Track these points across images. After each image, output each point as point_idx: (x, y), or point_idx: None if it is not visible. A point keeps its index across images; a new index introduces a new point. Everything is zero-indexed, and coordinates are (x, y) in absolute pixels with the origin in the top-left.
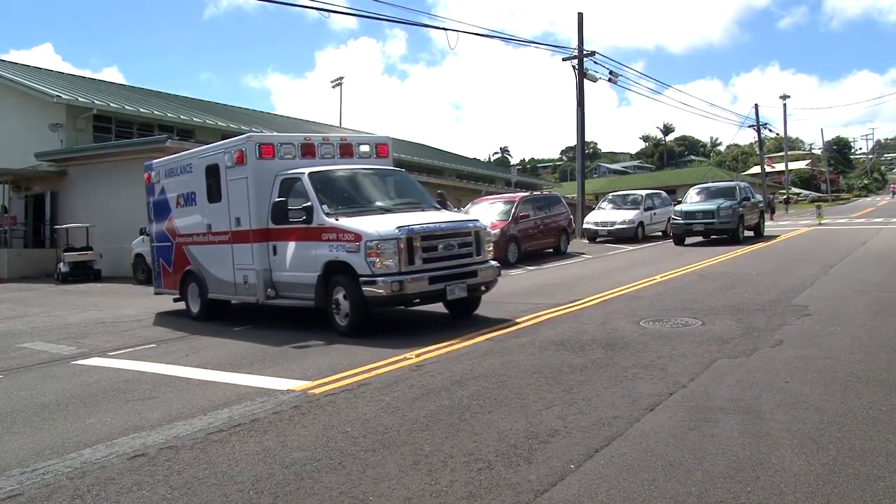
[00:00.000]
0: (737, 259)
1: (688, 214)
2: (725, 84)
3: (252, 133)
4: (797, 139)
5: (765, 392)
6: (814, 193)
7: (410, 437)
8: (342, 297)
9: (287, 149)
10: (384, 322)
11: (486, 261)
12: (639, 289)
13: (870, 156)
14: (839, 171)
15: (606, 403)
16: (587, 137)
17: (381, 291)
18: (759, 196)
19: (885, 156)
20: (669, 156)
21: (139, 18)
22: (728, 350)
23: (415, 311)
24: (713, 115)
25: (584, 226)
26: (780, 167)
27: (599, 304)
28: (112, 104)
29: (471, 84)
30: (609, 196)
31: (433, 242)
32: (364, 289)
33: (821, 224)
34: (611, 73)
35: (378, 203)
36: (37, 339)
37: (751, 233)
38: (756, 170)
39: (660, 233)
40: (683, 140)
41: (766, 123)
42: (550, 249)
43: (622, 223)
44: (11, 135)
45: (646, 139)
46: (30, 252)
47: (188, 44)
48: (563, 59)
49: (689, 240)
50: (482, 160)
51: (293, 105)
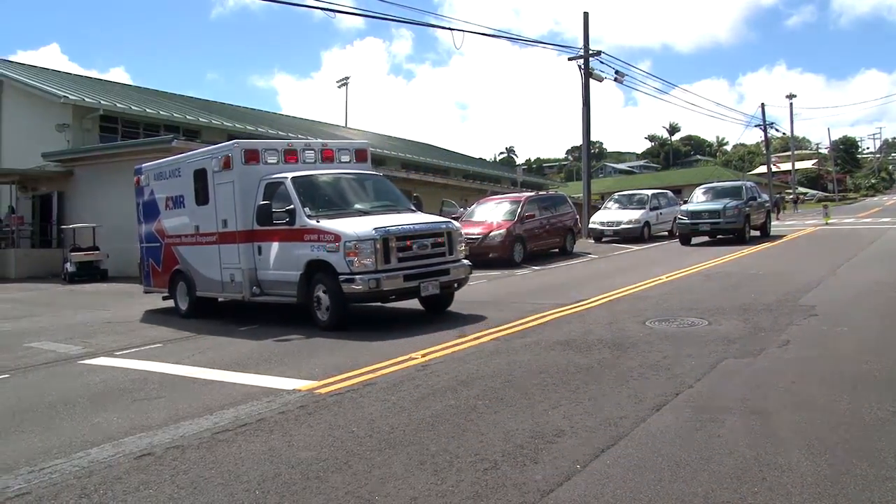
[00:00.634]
0: (743, 259)
1: (694, 214)
2: (732, 83)
3: (238, 140)
4: (804, 139)
5: (771, 392)
6: (820, 193)
7: (416, 437)
8: (323, 294)
9: (271, 154)
10: (389, 322)
11: (458, 260)
12: (645, 289)
13: (877, 155)
14: (846, 171)
15: (612, 403)
16: (593, 137)
17: (359, 288)
18: (766, 196)
19: (893, 155)
20: (675, 155)
21: (145, 19)
22: (734, 350)
23: (421, 313)
24: (719, 115)
25: (590, 225)
26: (787, 167)
27: (605, 304)
28: (118, 104)
29: (477, 84)
30: (615, 196)
31: (408, 243)
32: (343, 286)
33: (827, 224)
34: (616, 73)
35: (357, 206)
36: (44, 339)
37: (757, 232)
38: (762, 169)
39: (666, 232)
40: (689, 140)
41: (773, 123)
42: (556, 249)
43: (628, 223)
44: (19, 135)
45: (652, 139)
46: (37, 252)
47: (194, 44)
48: (569, 59)
49: (696, 240)
50: (488, 160)
51: (299, 105)
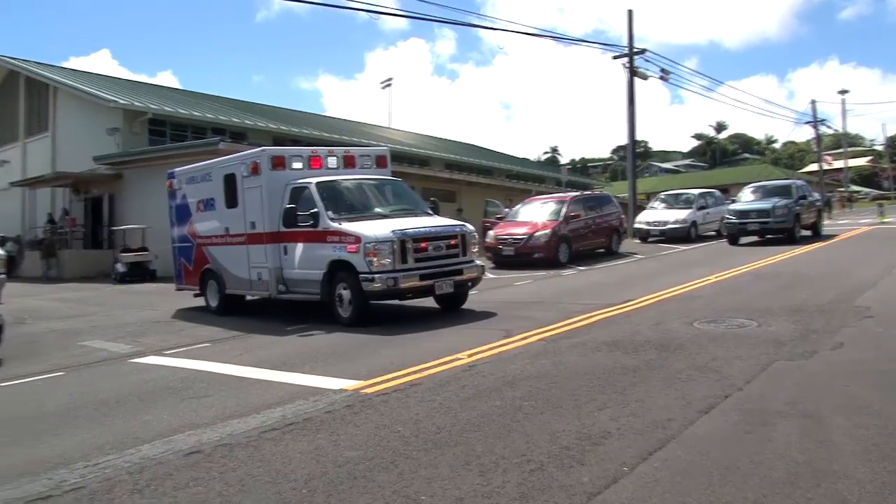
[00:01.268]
0: (793, 259)
1: (742, 214)
2: (781, 79)
3: (265, 147)
4: (857, 135)
5: (824, 396)
6: (875, 191)
7: (462, 438)
8: (344, 291)
9: (296, 160)
10: (435, 322)
11: (472, 260)
12: (692, 289)
13: None
14: None
15: (660, 405)
16: (638, 136)
17: (378, 286)
18: (817, 194)
19: None
20: (723, 154)
21: (192, 24)
22: (786, 352)
23: (467, 313)
24: (768, 112)
25: (636, 225)
26: (840, 164)
27: (652, 305)
28: (166, 108)
29: (521, 83)
30: (661, 195)
31: (423, 244)
32: (363, 284)
33: (883, 223)
34: (662, 71)
35: (376, 209)
36: (96, 338)
37: (808, 232)
38: (813, 167)
39: (713, 232)
40: (737, 138)
41: (824, 120)
42: (602, 249)
43: (675, 223)
44: (72, 139)
45: (698, 137)
46: (89, 253)
47: (240, 47)
48: (614, 58)
49: (744, 239)
50: (532, 160)
51: (343, 106)
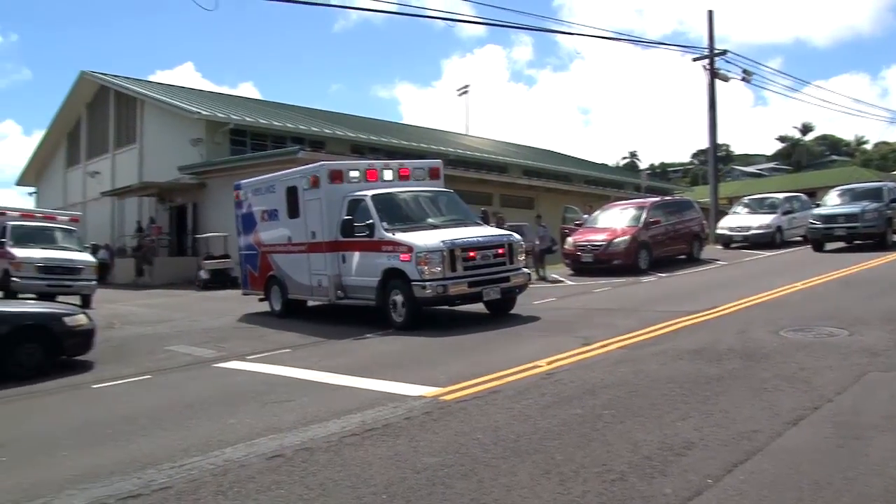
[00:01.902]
0: (885, 266)
1: (828, 218)
2: (874, 77)
3: (324, 161)
4: None
5: None
6: None
7: (542, 446)
8: (398, 298)
9: (354, 173)
10: (513, 329)
11: (518, 268)
12: (778, 297)
13: None
14: None
15: (745, 416)
16: (720, 139)
17: (429, 293)
18: None
19: None
20: (809, 156)
21: (272, 36)
22: (879, 363)
23: (545, 320)
24: (858, 112)
25: (718, 231)
26: None
27: (736, 313)
28: (247, 118)
29: (598, 88)
30: (744, 200)
31: (472, 253)
32: (415, 291)
33: None
34: (744, 72)
35: (428, 220)
36: (181, 343)
37: None
38: None
39: (799, 238)
40: (824, 139)
41: None
42: (683, 256)
43: (758, 228)
44: (158, 150)
45: (783, 139)
46: (174, 260)
47: (319, 57)
48: (694, 60)
49: (830, 245)
50: (610, 165)
51: (420, 114)
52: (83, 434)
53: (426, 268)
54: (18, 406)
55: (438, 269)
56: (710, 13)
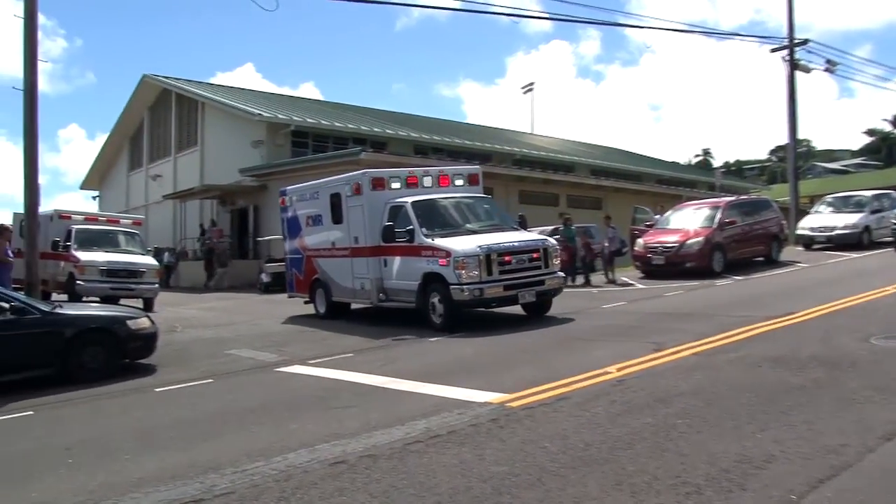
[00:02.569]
0: None
1: None
2: None
3: (367, 169)
4: None
5: None
6: None
7: (612, 456)
8: (437, 301)
9: (395, 181)
10: (580, 334)
11: (554, 272)
12: (866, 301)
13: None
14: None
15: (832, 429)
16: (800, 134)
17: (466, 296)
18: None
19: None
20: None
21: (333, 35)
22: None
23: (615, 324)
24: None
25: (798, 231)
26: None
27: (819, 318)
28: (309, 119)
29: (670, 83)
30: (827, 198)
31: (508, 257)
32: (453, 294)
33: None
34: (827, 62)
35: (466, 225)
36: (243, 346)
37: None
38: None
39: (889, 238)
40: None
41: None
42: (760, 258)
43: (843, 228)
44: (219, 152)
45: (871, 133)
46: (236, 263)
47: (380, 56)
48: (772, 50)
49: None
50: (682, 163)
51: (484, 113)
52: (146, 438)
53: (463, 271)
54: (82, 409)
55: (475, 273)
56: (790, 0)
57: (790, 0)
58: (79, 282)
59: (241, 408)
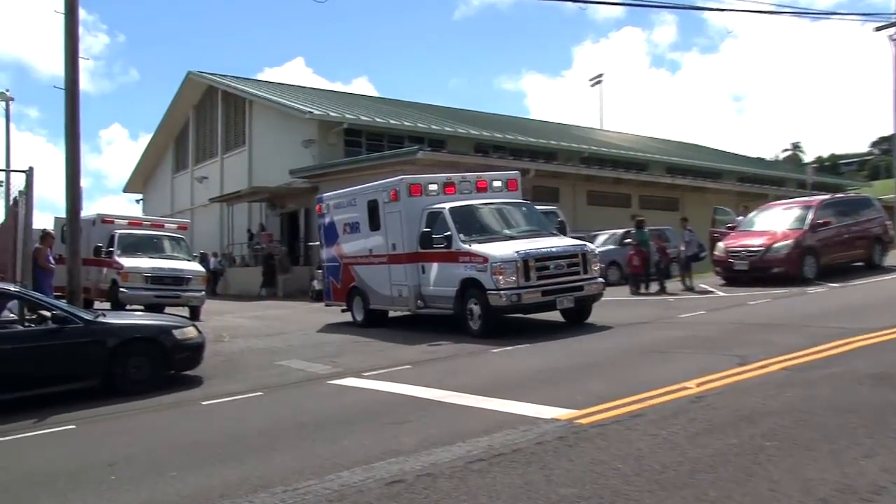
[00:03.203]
0: None
1: None
2: None
3: (404, 176)
4: None
5: None
6: None
7: (692, 480)
8: (475, 306)
9: (432, 187)
10: (655, 345)
11: (593, 278)
12: None
13: None
14: None
15: None
16: None
17: (504, 301)
18: None
19: None
20: None
21: (388, 27)
22: None
23: (692, 335)
24: None
25: None
26: None
27: None
28: (362, 117)
29: (754, 70)
30: None
31: (545, 263)
32: (490, 299)
33: None
34: None
35: (505, 231)
36: (293, 357)
37: None
38: None
39: None
40: None
41: None
42: (860, 263)
43: None
44: (268, 153)
45: None
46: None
47: (437, 48)
48: (876, 29)
49: None
50: (767, 159)
51: (548, 107)
52: (192, 453)
53: (501, 277)
54: (126, 423)
55: (513, 279)
56: None
57: None
58: (122, 289)
59: (293, 422)
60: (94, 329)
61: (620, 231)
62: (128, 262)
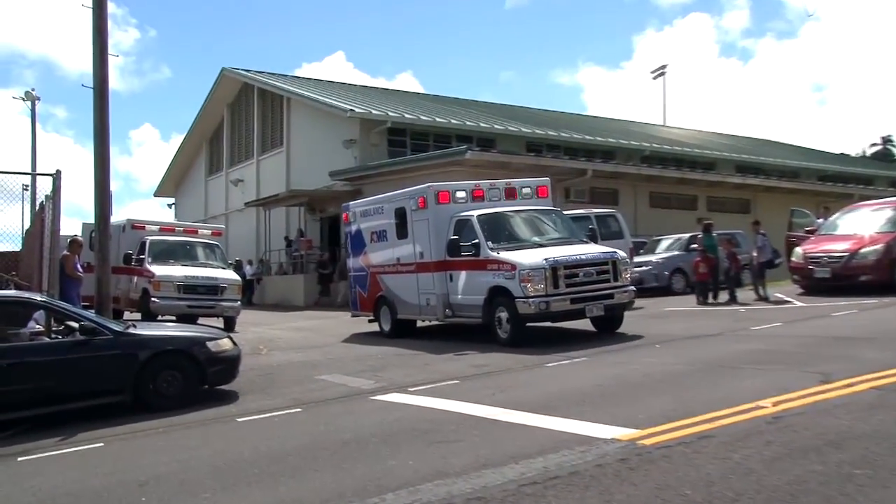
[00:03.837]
0: None
1: None
2: None
3: (431, 183)
4: None
5: None
6: None
7: None
8: (503, 315)
9: (460, 194)
10: (723, 359)
11: (624, 286)
12: None
13: None
14: None
15: None
16: None
17: (532, 309)
18: None
19: None
20: None
21: (434, 18)
22: None
23: (766, 349)
24: None
25: None
26: None
27: None
28: (407, 115)
29: (838, 57)
30: None
31: (574, 270)
32: (518, 307)
33: None
34: None
35: (533, 238)
36: (334, 371)
37: None
38: None
39: None
40: None
41: None
42: None
43: None
44: (306, 154)
45: None
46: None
47: (487, 40)
48: None
49: None
50: (853, 156)
51: (607, 102)
52: (227, 473)
53: (529, 285)
54: (157, 441)
55: (541, 287)
56: None
57: None
58: (153, 299)
59: (333, 441)
60: (124, 341)
61: (686, 236)
62: (159, 271)
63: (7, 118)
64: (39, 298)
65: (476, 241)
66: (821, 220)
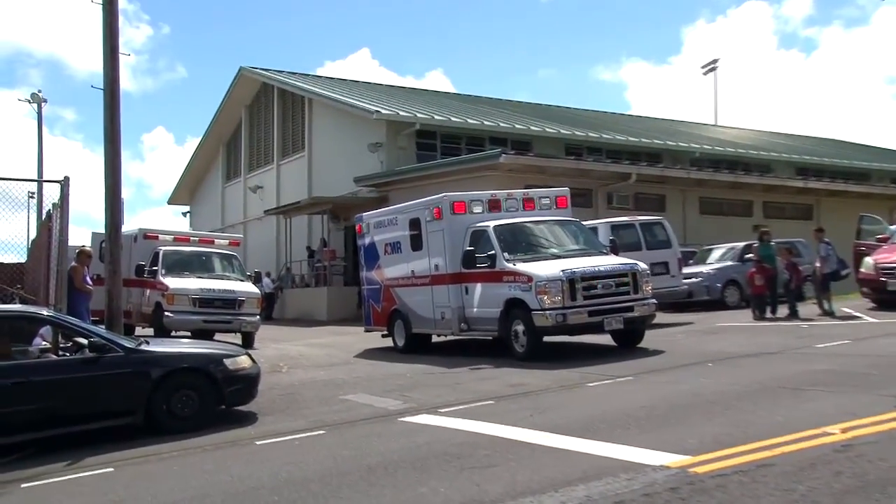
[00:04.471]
0: None
1: None
2: None
3: (446, 193)
4: None
5: None
6: None
7: None
8: (519, 328)
9: (477, 204)
10: (782, 381)
11: (645, 298)
12: None
13: None
14: None
15: None
16: None
17: (549, 322)
18: None
19: None
20: None
21: (467, 12)
22: None
23: (833, 370)
24: None
25: None
26: None
27: None
28: (437, 116)
29: None
30: None
31: (593, 282)
32: (535, 320)
33: None
34: None
35: (551, 250)
36: (360, 391)
37: None
38: None
39: None
40: None
41: None
42: None
43: None
44: (329, 158)
45: None
46: (350, 290)
47: (524, 35)
48: None
49: None
50: None
51: (653, 101)
52: (244, 501)
53: (546, 297)
54: (171, 465)
55: (558, 299)
56: None
57: None
58: (167, 313)
59: (359, 466)
60: (136, 358)
61: (741, 244)
62: (173, 283)
63: (12, 121)
64: (46, 313)
65: (492, 253)
66: (894, 227)
